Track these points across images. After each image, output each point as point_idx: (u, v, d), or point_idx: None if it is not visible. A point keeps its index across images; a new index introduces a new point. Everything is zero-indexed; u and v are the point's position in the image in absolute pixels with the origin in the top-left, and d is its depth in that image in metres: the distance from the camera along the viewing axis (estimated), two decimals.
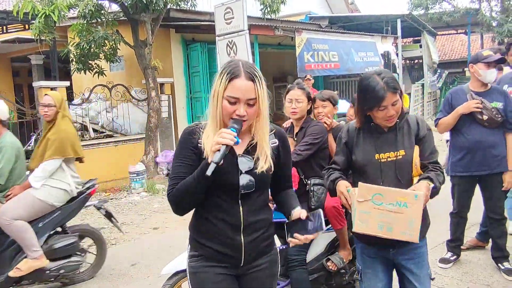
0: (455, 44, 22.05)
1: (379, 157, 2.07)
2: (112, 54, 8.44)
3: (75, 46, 8.03)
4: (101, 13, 7.88)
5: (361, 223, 1.92)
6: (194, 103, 10.55)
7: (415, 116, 2.18)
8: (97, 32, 7.82)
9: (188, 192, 1.59)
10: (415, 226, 1.84)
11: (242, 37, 7.99)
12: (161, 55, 9.43)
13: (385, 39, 13.12)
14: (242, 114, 1.55)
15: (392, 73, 2.09)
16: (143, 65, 8.23)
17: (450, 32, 20.95)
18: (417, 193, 1.85)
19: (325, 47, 10.69)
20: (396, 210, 1.85)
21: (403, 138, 2.09)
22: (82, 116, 8.58)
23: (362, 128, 2.16)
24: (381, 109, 2.00)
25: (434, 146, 2.12)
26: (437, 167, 2.07)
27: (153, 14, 7.98)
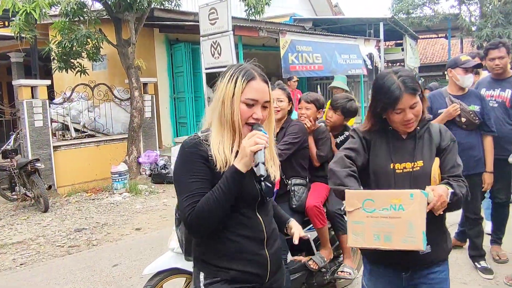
0: (436, 48, 22.40)
1: (394, 167, 1.84)
2: (95, 53, 8.34)
3: (57, 45, 7.90)
4: (83, 11, 7.77)
5: (355, 236, 1.67)
6: (178, 103, 10.51)
7: (439, 125, 1.97)
8: (79, 30, 7.71)
9: (218, 207, 1.43)
10: (416, 230, 1.57)
11: (226, 37, 8.00)
12: (145, 55, 9.37)
13: (368, 42, 13.26)
14: (260, 117, 1.49)
15: (411, 71, 1.91)
16: (126, 65, 8.17)
17: (431, 36, 21.26)
18: (413, 191, 1.60)
19: (308, 49, 10.76)
20: (391, 215, 1.60)
21: (423, 148, 1.86)
22: (63, 115, 8.46)
23: (377, 132, 1.92)
24: (397, 111, 1.77)
25: (457, 158, 1.88)
26: (460, 180, 1.81)
27: (136, 13, 7.93)
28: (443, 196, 1.64)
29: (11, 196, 7.10)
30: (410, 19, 18.13)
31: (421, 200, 1.59)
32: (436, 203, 1.62)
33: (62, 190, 7.64)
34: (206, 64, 8.46)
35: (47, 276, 4.12)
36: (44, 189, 6.48)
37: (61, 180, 7.74)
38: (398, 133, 1.88)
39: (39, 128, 7.39)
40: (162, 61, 10.17)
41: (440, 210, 1.66)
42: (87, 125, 8.65)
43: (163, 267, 2.58)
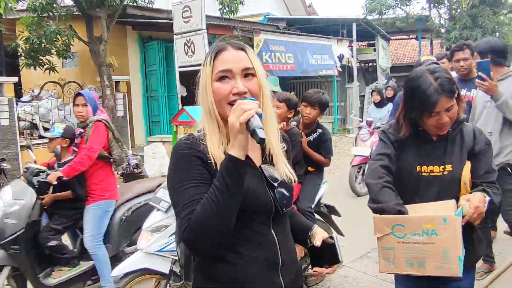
0: (407, 48, 22.92)
1: (420, 170, 1.74)
2: (65, 50, 8.15)
3: (24, 41, 7.67)
4: (53, 6, 7.58)
5: (387, 262, 1.60)
6: (151, 102, 10.39)
7: (472, 126, 1.81)
8: (48, 26, 7.50)
9: (216, 213, 1.09)
10: (452, 257, 1.48)
11: (200, 36, 7.97)
12: (117, 52, 9.21)
13: (340, 42, 13.46)
14: (242, 89, 1.16)
15: (448, 71, 1.72)
16: (98, 62, 8.00)
17: (402, 37, 21.71)
18: (446, 216, 1.49)
19: (281, 49, 10.85)
20: (424, 241, 1.51)
21: (453, 151, 1.74)
22: (31, 113, 8.20)
23: (409, 134, 1.80)
24: (433, 115, 1.65)
25: (491, 163, 1.75)
26: (494, 187, 1.69)
27: (108, 10, 7.78)
28: (480, 208, 1.54)
29: None
30: (383, 20, 18.49)
31: (455, 224, 1.47)
32: (472, 215, 1.53)
33: None
34: (180, 63, 8.40)
35: None
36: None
37: None
38: (428, 134, 1.76)
39: (5, 127, 7.15)
40: (135, 59, 10.03)
41: (477, 221, 1.56)
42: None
43: (131, 268, 2.56)
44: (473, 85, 3.89)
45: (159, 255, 2.59)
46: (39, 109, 8.28)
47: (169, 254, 2.59)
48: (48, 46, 7.77)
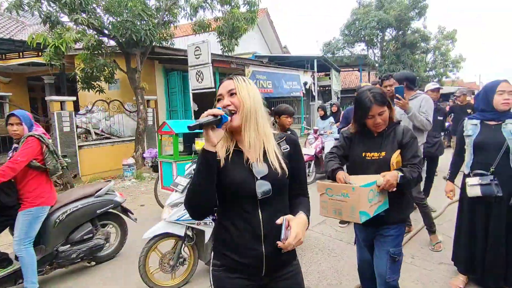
0: (352, 77, 23.14)
1: (365, 155, 1.85)
2: (110, 77, 8.00)
3: (81, 70, 7.52)
4: (101, 46, 7.44)
5: (323, 209, 1.78)
6: (172, 114, 10.28)
7: (403, 127, 1.87)
8: (98, 60, 7.37)
9: (194, 188, 1.16)
10: (355, 211, 1.64)
11: (207, 68, 7.91)
12: (148, 79, 9.09)
13: (306, 73, 13.52)
14: (225, 103, 1.20)
15: (381, 89, 1.82)
16: (134, 86, 7.89)
17: (348, 70, 21.97)
18: (354, 187, 1.65)
19: (264, 77, 10.84)
20: (342, 200, 1.69)
21: (387, 143, 1.82)
22: (86, 123, 8.06)
23: (358, 132, 1.92)
24: (369, 117, 1.78)
25: (416, 151, 1.81)
26: (415, 166, 1.77)
27: (141, 49, 7.68)
28: (390, 180, 1.65)
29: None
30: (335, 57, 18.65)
31: (359, 192, 1.63)
32: (384, 185, 1.66)
33: (85, 178, 7.29)
34: (192, 87, 8.32)
35: None
36: (70, 177, 6.17)
37: (84, 171, 7.37)
38: (371, 131, 1.87)
39: (67, 132, 7.01)
40: (161, 84, 9.91)
41: (390, 189, 1.68)
42: (104, 130, 8.29)
43: (157, 232, 2.54)
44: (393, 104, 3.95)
45: (177, 223, 2.56)
46: (92, 119, 8.14)
47: (184, 222, 2.57)
48: (98, 75, 7.63)
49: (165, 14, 8.31)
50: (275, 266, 1.24)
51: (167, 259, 2.59)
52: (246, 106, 1.20)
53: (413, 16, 17.96)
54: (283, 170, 1.23)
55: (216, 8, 9.13)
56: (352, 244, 3.40)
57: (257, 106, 1.23)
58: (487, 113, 2.34)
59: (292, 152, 1.29)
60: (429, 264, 2.95)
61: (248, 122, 1.20)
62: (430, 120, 3.01)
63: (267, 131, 1.25)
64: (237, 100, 1.20)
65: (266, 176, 1.20)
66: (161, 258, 2.59)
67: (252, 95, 1.22)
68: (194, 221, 2.58)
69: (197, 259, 2.73)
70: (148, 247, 2.51)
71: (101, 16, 7.19)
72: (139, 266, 2.47)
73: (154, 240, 2.54)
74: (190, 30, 9.70)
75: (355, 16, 18.40)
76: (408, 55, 17.64)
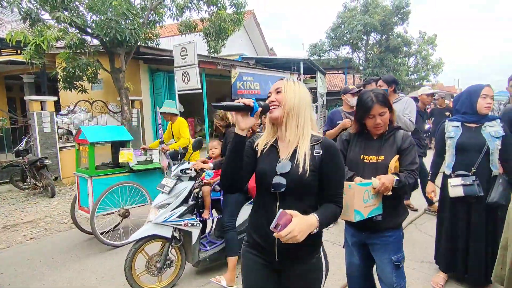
0: (337, 80, 23.48)
1: (363, 157, 1.82)
2: (93, 77, 7.80)
3: (62, 70, 7.30)
4: (84, 45, 7.25)
5: None
6: (157, 115, 10.15)
7: (403, 132, 1.85)
8: (80, 60, 7.17)
9: (226, 163, 1.31)
10: (350, 209, 1.61)
11: (193, 69, 7.86)
12: (133, 79, 8.94)
13: (292, 75, 13.62)
14: (270, 99, 1.34)
15: (384, 91, 1.82)
16: (118, 87, 7.72)
17: (334, 72, 22.28)
18: (351, 184, 1.63)
19: (251, 79, 10.85)
20: None
21: (386, 147, 1.80)
22: (68, 123, 7.84)
23: (357, 134, 1.90)
24: (370, 117, 1.77)
25: (415, 158, 1.79)
26: (412, 172, 1.75)
27: (126, 48, 7.54)
28: (385, 184, 1.64)
29: (23, 186, 6.45)
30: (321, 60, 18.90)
31: (355, 190, 1.61)
32: (380, 188, 1.65)
33: (66, 180, 7.08)
34: (179, 88, 8.25)
35: (53, 247, 3.80)
36: (51, 179, 5.97)
37: (65, 173, 7.16)
38: (370, 134, 1.86)
39: (47, 133, 6.81)
40: (146, 84, 9.76)
41: (385, 192, 1.67)
42: None
43: (144, 234, 2.49)
44: None
45: (164, 224, 2.53)
46: (74, 120, 7.92)
47: (171, 224, 2.54)
48: (80, 74, 7.43)
49: (150, 13, 8.21)
50: (288, 254, 1.29)
51: (154, 261, 2.56)
52: (289, 103, 1.30)
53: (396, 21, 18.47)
54: (304, 170, 1.26)
55: (202, 9, 9.08)
56: (338, 245, 3.47)
57: (302, 106, 1.32)
58: (468, 115, 2.39)
59: (325, 157, 1.29)
60: (412, 262, 3.02)
61: (289, 118, 1.31)
62: (413, 121, 3.11)
63: (305, 131, 1.32)
64: (281, 97, 1.32)
65: (287, 173, 1.27)
66: (148, 260, 2.55)
67: (298, 95, 1.32)
68: (181, 222, 2.55)
69: (184, 261, 2.71)
70: (134, 249, 2.47)
71: (84, 15, 7.03)
72: (125, 268, 2.42)
73: (141, 242, 2.50)
74: (176, 30, 9.62)
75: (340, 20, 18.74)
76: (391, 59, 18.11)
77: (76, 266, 3.25)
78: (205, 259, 2.76)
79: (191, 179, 2.70)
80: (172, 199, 2.58)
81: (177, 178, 2.68)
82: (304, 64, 14.23)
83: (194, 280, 2.84)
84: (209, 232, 3.17)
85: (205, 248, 2.84)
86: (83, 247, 3.74)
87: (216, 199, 2.92)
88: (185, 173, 2.66)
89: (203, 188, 2.91)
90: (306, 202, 1.29)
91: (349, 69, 19.60)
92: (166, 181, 2.70)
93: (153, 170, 4.05)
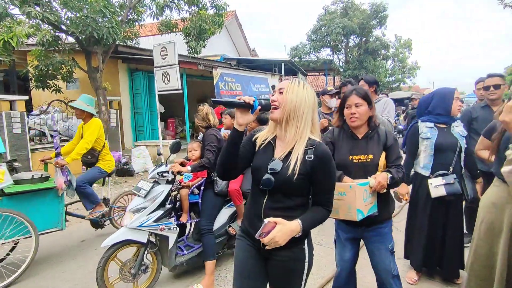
0: (318, 81, 23.81)
1: (352, 158, 1.83)
2: (68, 76, 7.50)
3: (34, 68, 6.96)
4: (58, 42, 6.94)
5: None
6: (137, 116, 9.88)
7: (385, 129, 1.91)
8: (54, 58, 6.87)
9: (222, 153, 1.40)
10: (353, 209, 1.67)
11: (174, 69, 7.73)
12: (111, 79, 8.67)
13: (273, 76, 13.67)
14: (273, 98, 1.36)
15: (365, 89, 1.88)
16: (95, 86, 7.46)
17: (315, 74, 22.58)
18: (351, 184, 1.67)
19: (232, 80, 10.79)
20: (339, 198, 1.70)
21: (373, 145, 1.84)
22: (40, 124, 7.48)
23: (342, 133, 1.91)
24: (347, 107, 1.83)
25: (399, 153, 1.86)
26: (399, 167, 1.83)
27: (104, 47, 7.28)
28: (381, 182, 1.71)
29: None
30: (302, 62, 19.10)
31: (356, 190, 1.66)
32: (376, 187, 1.71)
33: None
34: (159, 88, 8.08)
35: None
36: None
37: None
38: (355, 134, 1.87)
39: (17, 135, 6.45)
40: (125, 84, 9.49)
41: (381, 190, 1.75)
42: (62, 132, 7.75)
43: (117, 239, 2.38)
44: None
45: (139, 229, 2.44)
46: (47, 121, 7.58)
47: (146, 229, 2.45)
48: (54, 73, 7.11)
49: (129, 11, 7.99)
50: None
51: (128, 268, 2.46)
52: (289, 105, 1.32)
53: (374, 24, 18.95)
54: (293, 173, 1.28)
55: (183, 9, 8.95)
56: (317, 244, 3.48)
57: (303, 108, 1.32)
58: (442, 116, 2.43)
59: (316, 163, 1.30)
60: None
61: (289, 120, 1.33)
62: (391, 121, 3.19)
63: (303, 135, 1.33)
64: (282, 98, 1.33)
65: (277, 173, 1.30)
66: (121, 266, 2.45)
67: (300, 98, 1.32)
68: (158, 226, 2.47)
69: (160, 266, 2.62)
70: (107, 256, 2.36)
71: (57, 11, 6.73)
72: (97, 278, 2.31)
73: (114, 248, 2.39)
74: (156, 30, 9.43)
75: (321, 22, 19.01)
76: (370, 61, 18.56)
77: (48, 272, 3.09)
78: (182, 263, 2.68)
79: (168, 182, 2.62)
80: (148, 203, 2.49)
81: (154, 181, 2.60)
82: (285, 65, 14.31)
83: (172, 284, 2.77)
84: (187, 235, 3.09)
85: (182, 252, 2.77)
86: (59, 253, 3.57)
87: (194, 202, 2.85)
88: (162, 176, 2.57)
89: (181, 191, 2.83)
90: (294, 200, 1.33)
91: (329, 71, 19.91)
92: (143, 184, 2.61)
93: (42, 192, 3.06)
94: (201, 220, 2.73)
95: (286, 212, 1.31)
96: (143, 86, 9.52)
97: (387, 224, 1.89)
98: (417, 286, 2.65)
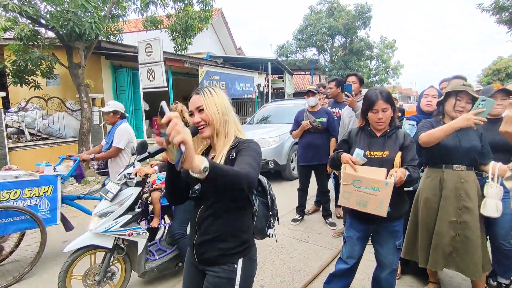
0: (304, 80, 23.79)
1: (369, 154, 1.87)
2: (48, 72, 7.12)
3: (11, 63, 6.58)
4: (37, 37, 6.58)
5: (344, 199, 1.83)
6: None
7: (404, 131, 1.95)
8: (33, 53, 6.50)
9: (166, 180, 1.31)
10: (384, 205, 1.72)
11: (159, 66, 7.52)
12: (93, 76, 8.33)
13: (260, 75, 13.53)
14: (196, 120, 1.25)
15: (388, 91, 1.90)
16: (77, 83, 7.12)
17: (301, 73, 22.55)
18: (388, 181, 1.69)
19: (218, 78, 10.60)
20: (371, 193, 1.73)
21: (390, 143, 1.87)
22: (18, 122, 7.11)
23: (361, 132, 1.96)
24: (373, 111, 1.85)
25: (415, 154, 1.87)
26: (415, 167, 1.83)
27: (86, 43, 6.94)
28: (401, 177, 1.71)
29: None
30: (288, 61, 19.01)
31: (390, 187, 1.68)
32: (397, 181, 1.71)
33: None
34: (143, 85, 7.84)
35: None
36: None
37: None
38: (373, 132, 1.92)
39: None
40: (108, 81, 9.14)
41: (398, 184, 1.73)
42: (41, 130, 7.39)
43: (82, 244, 2.21)
44: (342, 105, 4.00)
45: (105, 234, 2.26)
46: (26, 118, 7.21)
47: (113, 234, 2.28)
48: (33, 68, 6.74)
49: (113, 6, 7.65)
50: (203, 258, 1.28)
51: (92, 274, 2.27)
52: (216, 118, 1.25)
53: (359, 25, 19.00)
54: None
55: (168, 5, 8.66)
56: (303, 242, 3.45)
57: (226, 116, 1.27)
58: (421, 115, 2.56)
59: (237, 157, 1.21)
60: (372, 255, 3.00)
61: (219, 133, 1.27)
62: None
63: (229, 137, 1.28)
64: (206, 116, 1.25)
65: (200, 180, 1.14)
66: (85, 273, 2.27)
67: (220, 106, 1.26)
68: (125, 232, 2.30)
69: (129, 272, 2.44)
70: (70, 261, 2.18)
71: (36, 4, 6.37)
72: (59, 283, 2.13)
73: (78, 254, 2.21)
74: (141, 26, 9.11)
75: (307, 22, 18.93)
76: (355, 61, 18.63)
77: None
78: (153, 269, 2.51)
79: (138, 184, 2.44)
80: (115, 206, 2.31)
81: (122, 184, 2.41)
82: (272, 64, 14.17)
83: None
84: (160, 239, 2.92)
85: (153, 257, 2.60)
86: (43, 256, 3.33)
87: (167, 205, 2.69)
88: (129, 178, 2.39)
89: (153, 194, 2.65)
90: (226, 206, 1.26)
91: (315, 70, 19.90)
92: (110, 186, 2.42)
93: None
94: (173, 224, 2.57)
95: (222, 222, 1.25)
96: (127, 83, 9.20)
97: (398, 223, 1.92)
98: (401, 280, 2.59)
